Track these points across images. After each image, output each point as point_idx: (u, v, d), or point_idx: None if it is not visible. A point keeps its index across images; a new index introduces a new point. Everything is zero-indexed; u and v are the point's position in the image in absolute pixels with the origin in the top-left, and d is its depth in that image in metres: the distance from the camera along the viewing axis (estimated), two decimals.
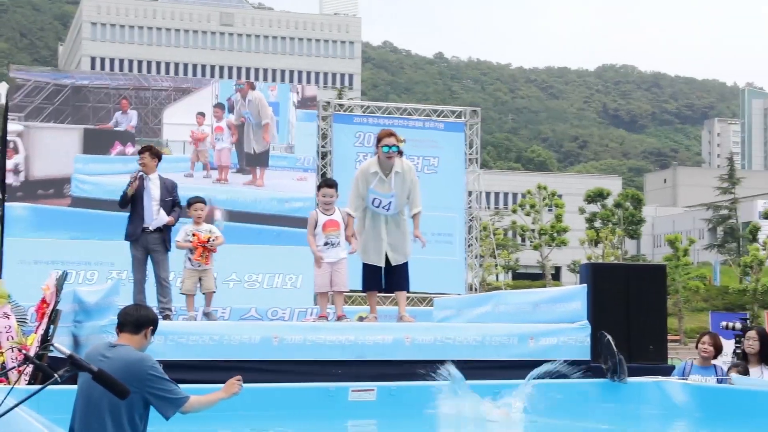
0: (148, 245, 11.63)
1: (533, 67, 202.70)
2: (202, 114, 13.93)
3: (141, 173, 11.72)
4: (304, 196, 14.57)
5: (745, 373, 9.89)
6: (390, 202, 11.12)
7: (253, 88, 15.89)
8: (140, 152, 11.99)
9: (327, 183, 11.68)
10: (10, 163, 12.44)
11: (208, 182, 14.02)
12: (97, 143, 12.79)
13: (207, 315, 11.93)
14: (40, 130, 11.72)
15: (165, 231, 11.74)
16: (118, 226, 10.50)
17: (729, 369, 10.15)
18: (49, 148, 12.48)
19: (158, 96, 13.04)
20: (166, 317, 11.41)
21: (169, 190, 11.87)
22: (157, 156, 11.94)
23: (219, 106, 14.62)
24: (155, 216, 11.61)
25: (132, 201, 11.69)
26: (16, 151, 11.91)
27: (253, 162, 16.28)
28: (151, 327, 6.12)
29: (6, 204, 13.78)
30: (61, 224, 11.63)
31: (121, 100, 12.59)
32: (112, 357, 5.79)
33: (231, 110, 15.19)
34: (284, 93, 17.00)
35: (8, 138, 11.25)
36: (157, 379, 5.80)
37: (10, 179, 13.51)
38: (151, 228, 11.60)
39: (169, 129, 13.87)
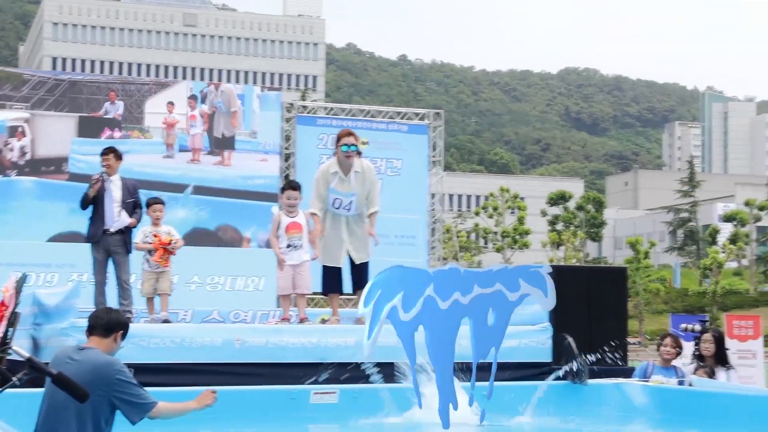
0: (110, 247, 11.52)
1: (496, 69, 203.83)
2: (171, 103, 16.34)
3: (103, 175, 11.62)
4: (265, 174, 16.96)
5: (712, 374, 9.99)
6: (351, 202, 11.11)
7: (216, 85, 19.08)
8: (104, 153, 11.81)
9: (291, 185, 11.61)
10: (17, 145, 15.02)
11: (183, 162, 16.56)
12: (89, 128, 15.21)
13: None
14: (43, 118, 14.28)
15: (126, 233, 11.63)
16: None
17: (696, 370, 10.23)
18: (50, 133, 14.97)
19: (141, 89, 15.55)
20: (127, 320, 11.30)
21: (130, 191, 11.77)
22: (120, 158, 11.87)
23: (192, 97, 17.02)
24: (116, 218, 11.51)
25: (93, 202, 11.58)
26: (23, 134, 14.46)
27: (221, 145, 18.47)
28: (122, 331, 6.11)
29: (15, 178, 16.15)
30: (60, 195, 13.17)
31: (109, 92, 14.98)
32: (80, 360, 5.75)
33: (203, 101, 17.61)
34: (249, 88, 18.72)
35: (17, 124, 13.96)
36: (124, 383, 5.76)
37: (17, 158, 16.09)
38: (112, 230, 11.50)
39: (150, 117, 16.29)
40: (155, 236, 11.65)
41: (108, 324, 6.03)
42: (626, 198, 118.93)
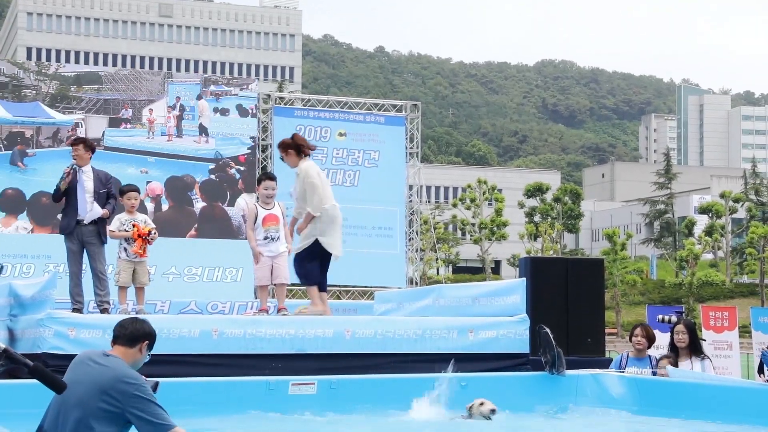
0: (83, 238, 11.43)
1: (473, 61, 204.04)
2: (151, 110, 23.09)
3: (74, 167, 11.52)
4: (207, 148, 23.00)
5: (675, 363, 10.04)
6: (295, 200, 11.20)
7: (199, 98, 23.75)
8: (74, 144, 11.74)
9: (268, 176, 11.53)
10: (77, 131, 22.33)
11: (162, 141, 22.85)
12: (114, 123, 22.57)
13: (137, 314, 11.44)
14: (91, 117, 22.47)
15: (100, 223, 11.55)
16: (126, 162, 22.26)
17: (660, 359, 10.27)
18: (94, 125, 22.60)
19: (141, 102, 22.94)
20: (104, 311, 11.25)
21: (102, 181, 11.67)
22: (91, 148, 11.78)
23: (170, 107, 23.16)
24: (89, 208, 11.41)
25: (66, 194, 11.49)
26: (80, 126, 22.11)
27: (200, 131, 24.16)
28: (147, 341, 5.96)
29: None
30: (100, 158, 17.78)
31: (124, 104, 22.84)
32: (103, 365, 5.66)
33: (174, 107, 23.28)
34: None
35: (78, 120, 22.23)
36: (142, 400, 5.61)
37: None
38: (86, 221, 11.42)
39: (145, 117, 22.97)
40: (134, 225, 11.55)
41: (132, 334, 5.91)
42: (603, 190, 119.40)
